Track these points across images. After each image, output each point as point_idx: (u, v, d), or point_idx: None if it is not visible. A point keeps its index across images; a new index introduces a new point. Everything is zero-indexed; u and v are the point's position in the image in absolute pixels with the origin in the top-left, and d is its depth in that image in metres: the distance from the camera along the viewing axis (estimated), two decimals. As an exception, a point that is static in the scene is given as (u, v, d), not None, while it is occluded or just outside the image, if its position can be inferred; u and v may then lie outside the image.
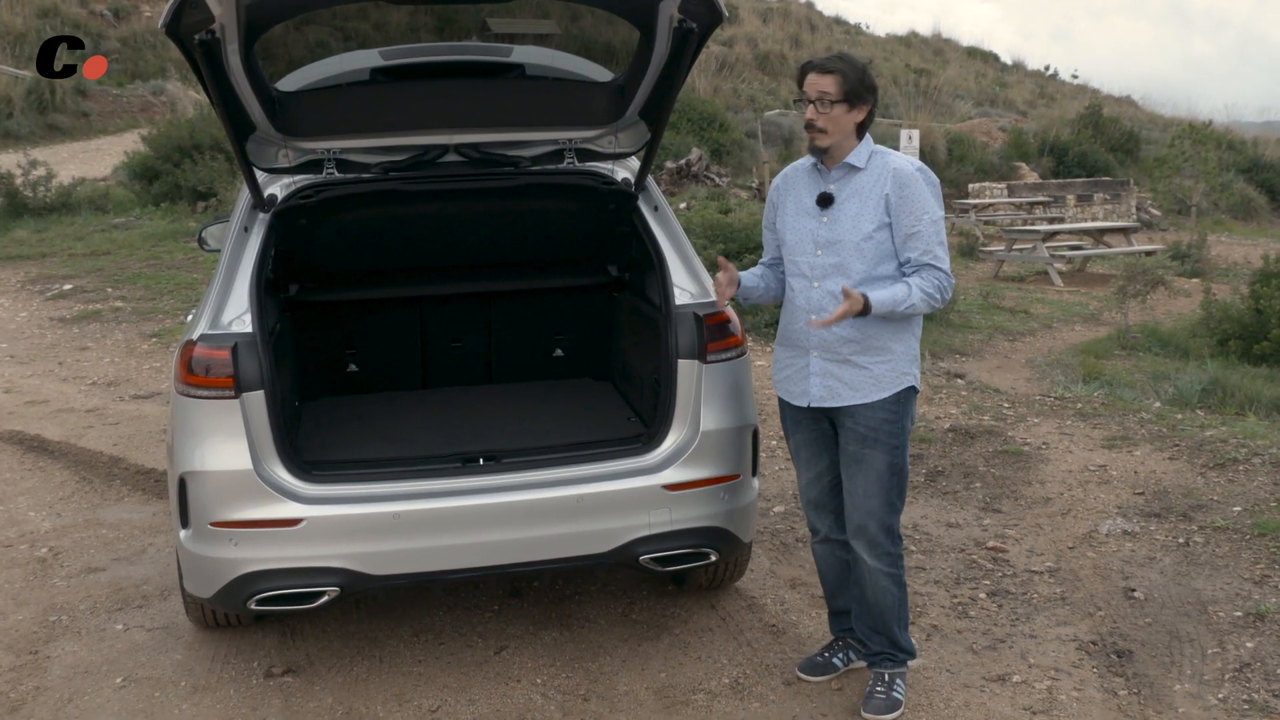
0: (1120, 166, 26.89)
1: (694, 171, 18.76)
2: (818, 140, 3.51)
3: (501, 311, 5.31)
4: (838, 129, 3.48)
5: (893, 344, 3.53)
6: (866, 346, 3.52)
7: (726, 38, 31.68)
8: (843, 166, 3.53)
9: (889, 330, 3.52)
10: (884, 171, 3.49)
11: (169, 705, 3.82)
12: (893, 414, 3.54)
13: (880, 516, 3.59)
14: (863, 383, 3.53)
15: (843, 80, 3.44)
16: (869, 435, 3.54)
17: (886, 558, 3.62)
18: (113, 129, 21.92)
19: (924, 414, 7.17)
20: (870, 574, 3.64)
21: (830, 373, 3.57)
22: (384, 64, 4.11)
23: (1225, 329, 10.21)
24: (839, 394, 3.57)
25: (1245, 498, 5.47)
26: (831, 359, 3.56)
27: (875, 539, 3.60)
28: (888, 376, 3.53)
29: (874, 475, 3.55)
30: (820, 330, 3.54)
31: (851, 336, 3.51)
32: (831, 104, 3.44)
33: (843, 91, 3.44)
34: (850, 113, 3.47)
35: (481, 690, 3.88)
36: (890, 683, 3.71)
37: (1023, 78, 42.70)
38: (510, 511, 3.71)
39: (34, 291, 11.31)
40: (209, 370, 3.61)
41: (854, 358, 3.53)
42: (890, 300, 3.42)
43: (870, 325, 3.49)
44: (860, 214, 3.49)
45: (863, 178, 3.51)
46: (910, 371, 3.57)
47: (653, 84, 4.03)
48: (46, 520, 5.52)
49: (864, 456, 3.56)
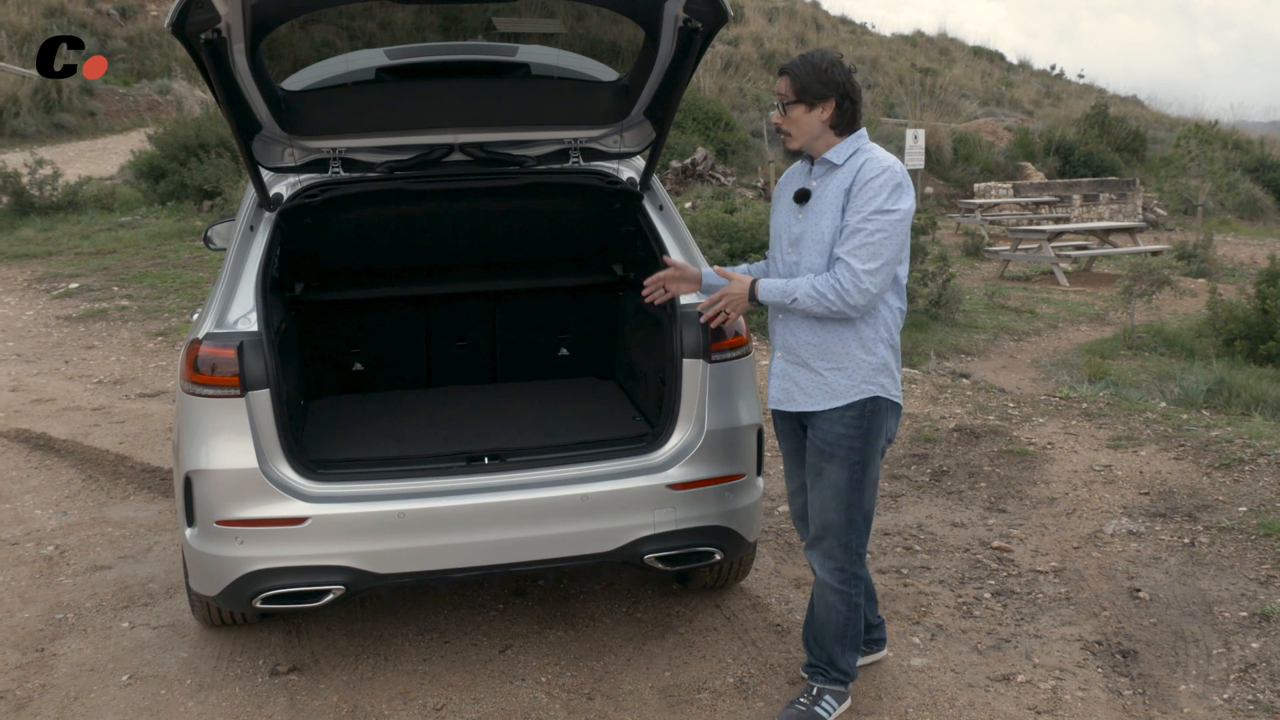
0: (1126, 166, 26.87)
1: (699, 171, 18.77)
2: (787, 143, 3.47)
3: (506, 311, 5.31)
4: (802, 130, 3.40)
5: (856, 352, 3.39)
6: (825, 352, 3.41)
7: (732, 37, 31.69)
8: (822, 163, 3.44)
9: (852, 337, 3.39)
10: (853, 170, 3.38)
11: (174, 703, 3.83)
12: (853, 428, 3.41)
13: (837, 531, 3.48)
14: (816, 389, 3.43)
15: (793, 80, 3.37)
16: (825, 449, 3.44)
17: (839, 574, 3.51)
18: (119, 128, 21.96)
19: (929, 414, 7.17)
20: (820, 586, 3.56)
21: (789, 374, 3.50)
22: (389, 63, 4.11)
23: (1231, 329, 10.20)
24: (794, 397, 3.49)
25: (1251, 498, 5.46)
26: (792, 360, 3.49)
27: (829, 552, 3.51)
28: (843, 386, 3.40)
29: (831, 489, 3.45)
30: (784, 331, 3.49)
31: (812, 340, 3.42)
32: (786, 106, 3.39)
33: (795, 91, 3.37)
34: (812, 112, 3.38)
35: (486, 689, 3.89)
36: (817, 697, 3.59)
37: (1029, 77, 42.66)
38: (515, 510, 3.71)
39: (40, 290, 11.33)
40: (214, 369, 3.61)
41: (812, 361, 3.43)
42: (779, 290, 3.36)
43: (830, 330, 3.39)
44: (825, 212, 3.39)
45: (837, 175, 3.41)
46: (876, 381, 3.42)
47: (658, 83, 4.03)
48: (53, 518, 5.54)
49: (822, 469, 3.46)
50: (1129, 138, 28.13)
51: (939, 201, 22.77)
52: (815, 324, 3.41)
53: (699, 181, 18.60)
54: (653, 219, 4.24)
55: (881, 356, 3.43)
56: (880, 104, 31.32)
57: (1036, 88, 40.42)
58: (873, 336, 3.42)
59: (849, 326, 3.39)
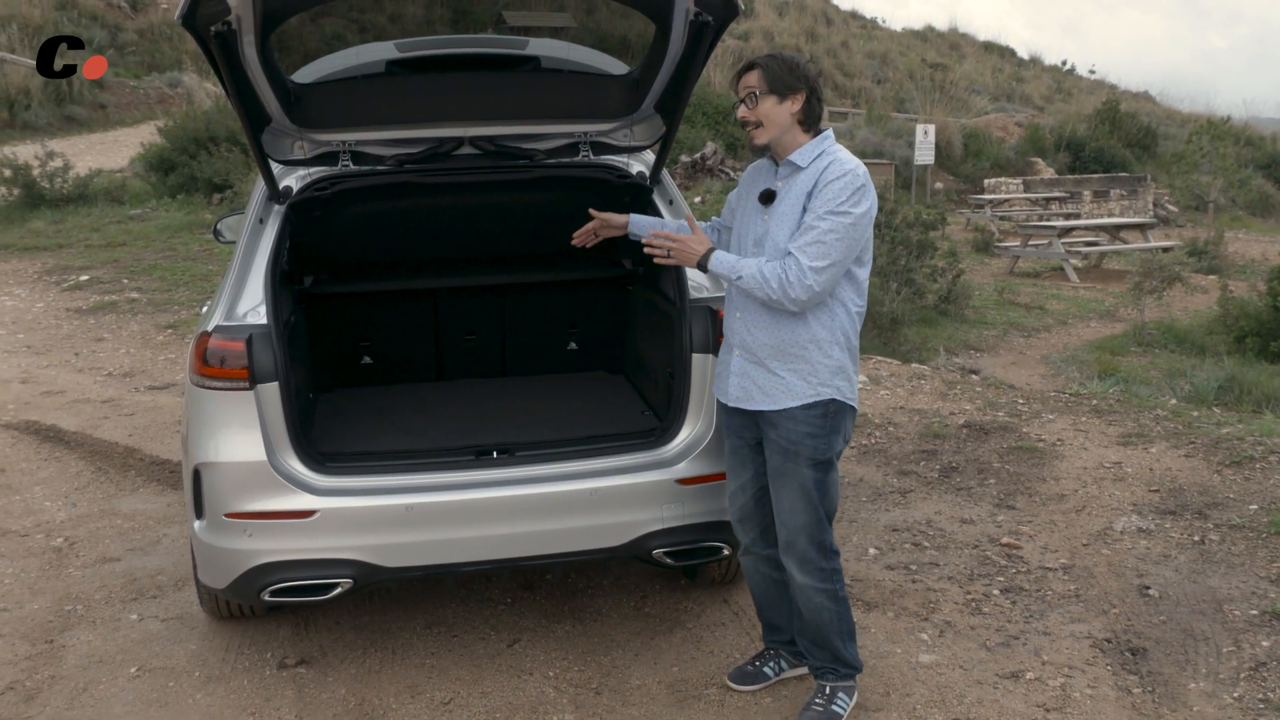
0: (1137, 162, 26.78)
1: (709, 165, 18.75)
2: (756, 137, 3.41)
3: (516, 304, 5.31)
4: (772, 123, 3.38)
5: (813, 353, 3.38)
6: (783, 352, 3.40)
7: (742, 31, 31.65)
8: (787, 164, 3.42)
9: (809, 339, 3.38)
10: (816, 172, 3.35)
11: (183, 695, 3.83)
12: (816, 428, 3.40)
13: (809, 531, 3.46)
14: (775, 389, 3.41)
15: (764, 72, 3.36)
16: (790, 449, 3.42)
17: (819, 573, 3.50)
18: (129, 121, 22.00)
19: (938, 410, 7.15)
20: (802, 590, 3.54)
21: (747, 373, 3.48)
22: (399, 56, 4.10)
23: (1242, 326, 10.17)
24: (753, 396, 3.46)
25: (1262, 496, 5.44)
26: (749, 360, 3.47)
27: (805, 554, 3.49)
28: (801, 387, 3.39)
29: (798, 490, 3.44)
30: (742, 330, 3.47)
31: (770, 341, 3.41)
32: (758, 97, 3.37)
33: (767, 82, 3.35)
34: (782, 104, 3.36)
35: (494, 683, 3.89)
36: (831, 696, 3.60)
37: (1040, 73, 42.56)
38: (523, 505, 3.70)
39: (50, 282, 11.36)
40: (224, 361, 3.61)
41: (769, 361, 3.42)
42: (729, 265, 3.37)
43: (787, 330, 3.38)
44: (787, 214, 3.38)
45: (801, 177, 3.39)
46: (833, 384, 3.40)
47: (668, 78, 4.02)
48: (62, 510, 5.55)
49: (787, 470, 3.44)
50: (1140, 133, 28.03)
51: (949, 197, 22.72)
52: (772, 324, 3.40)
53: (708, 176, 18.58)
54: (663, 213, 4.24)
55: (837, 359, 3.41)
56: (891, 99, 31.26)
57: (1047, 83, 40.32)
58: (828, 339, 3.40)
59: (805, 328, 3.38)
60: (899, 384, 7.86)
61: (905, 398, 7.51)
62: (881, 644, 4.12)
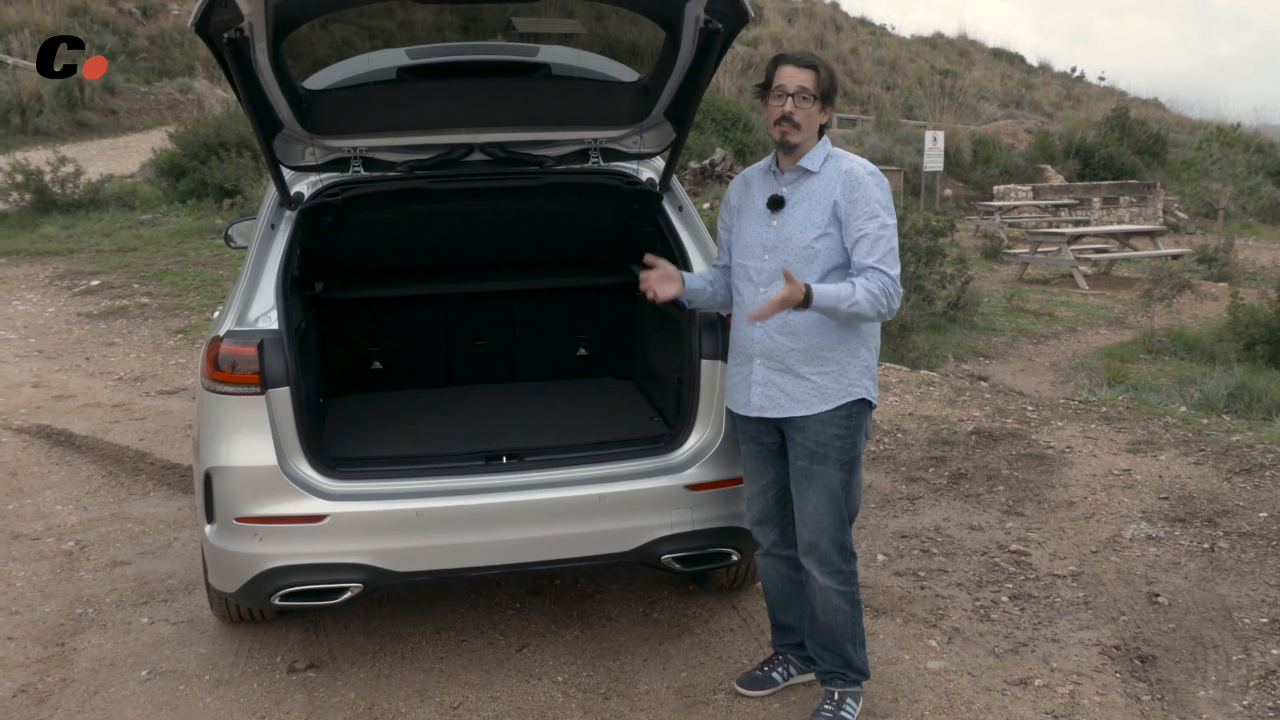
0: (1147, 169, 26.75)
1: (718, 172, 18.76)
2: (790, 136, 3.38)
3: (525, 310, 5.32)
4: (808, 127, 3.38)
5: (841, 355, 3.39)
6: (812, 356, 3.39)
7: (751, 38, 31.68)
8: (796, 170, 3.43)
9: (837, 340, 3.38)
10: (835, 176, 3.37)
11: (193, 698, 3.85)
12: (843, 429, 3.41)
13: (832, 533, 3.46)
14: (805, 394, 3.40)
15: (818, 78, 3.36)
16: (818, 451, 3.42)
17: (839, 575, 3.50)
18: (141, 126, 22.09)
19: (947, 416, 7.15)
20: (822, 592, 3.53)
21: (772, 382, 3.46)
22: (410, 63, 4.12)
23: (1252, 333, 10.15)
24: (780, 404, 3.45)
25: (1272, 503, 5.42)
26: (775, 368, 3.45)
27: (827, 556, 3.50)
28: (832, 389, 3.39)
29: (825, 492, 3.43)
30: (765, 337, 3.44)
31: (796, 346, 3.40)
32: (809, 100, 3.36)
33: (820, 89, 3.37)
34: (821, 112, 3.40)
35: (503, 687, 3.89)
36: (840, 702, 3.59)
37: (1049, 79, 42.54)
38: (532, 510, 3.71)
39: (62, 287, 11.41)
40: (235, 366, 3.63)
41: (797, 367, 3.40)
42: (834, 295, 3.23)
43: (817, 334, 3.38)
44: (808, 219, 3.38)
45: (815, 181, 3.40)
46: (861, 384, 3.42)
47: (678, 84, 4.03)
48: (73, 514, 5.57)
49: (814, 473, 3.43)
50: (1150, 140, 27.99)
51: (958, 204, 22.70)
52: (801, 330, 3.39)
53: (718, 182, 18.59)
54: (672, 219, 4.25)
55: (864, 359, 3.45)
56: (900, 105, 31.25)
57: (1057, 90, 40.29)
58: (856, 341, 3.43)
59: (835, 332, 3.39)
60: (908, 390, 7.86)
61: (914, 404, 7.50)
62: (890, 650, 4.12)
